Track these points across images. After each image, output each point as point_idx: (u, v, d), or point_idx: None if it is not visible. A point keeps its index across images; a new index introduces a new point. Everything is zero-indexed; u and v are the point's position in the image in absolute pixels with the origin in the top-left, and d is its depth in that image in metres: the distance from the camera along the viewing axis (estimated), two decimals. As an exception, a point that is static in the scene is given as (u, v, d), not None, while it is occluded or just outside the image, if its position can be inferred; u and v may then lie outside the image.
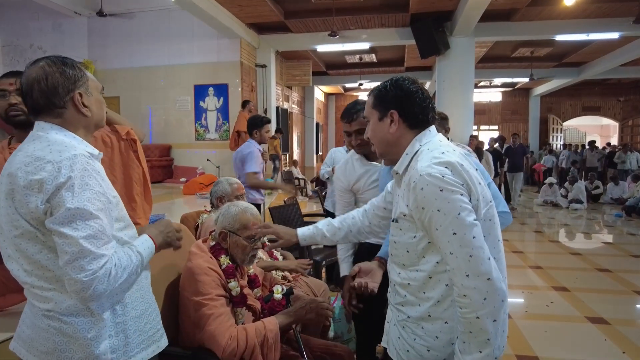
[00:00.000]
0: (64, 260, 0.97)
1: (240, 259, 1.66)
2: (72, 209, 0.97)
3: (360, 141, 1.87)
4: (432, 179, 1.03)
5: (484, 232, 1.05)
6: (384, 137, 1.21)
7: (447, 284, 1.09)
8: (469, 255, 1.01)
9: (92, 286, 0.97)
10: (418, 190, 1.05)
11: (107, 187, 1.09)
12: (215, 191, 2.45)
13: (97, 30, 8.68)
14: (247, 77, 8.57)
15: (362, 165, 1.96)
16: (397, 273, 1.22)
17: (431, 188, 1.03)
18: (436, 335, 1.13)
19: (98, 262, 0.98)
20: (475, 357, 1.03)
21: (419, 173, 1.06)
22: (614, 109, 16.10)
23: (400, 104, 1.17)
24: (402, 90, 1.17)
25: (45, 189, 0.98)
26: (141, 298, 1.18)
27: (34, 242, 1.03)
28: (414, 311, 1.16)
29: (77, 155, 1.02)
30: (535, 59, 11.52)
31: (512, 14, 7.83)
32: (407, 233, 1.14)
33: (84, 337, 1.04)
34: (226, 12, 7.31)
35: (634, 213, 7.91)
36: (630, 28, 7.55)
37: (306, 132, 14.64)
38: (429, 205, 1.04)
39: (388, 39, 8.84)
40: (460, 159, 1.09)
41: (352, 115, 1.87)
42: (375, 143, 1.24)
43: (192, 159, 8.55)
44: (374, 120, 1.22)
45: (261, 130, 3.46)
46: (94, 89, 1.17)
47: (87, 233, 0.98)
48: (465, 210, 1.02)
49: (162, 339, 1.24)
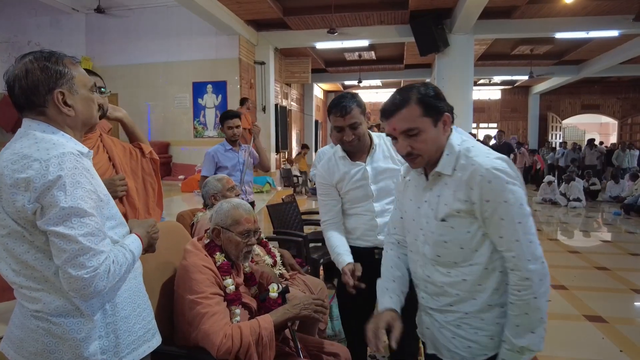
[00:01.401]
0: (63, 258, 0.96)
1: (235, 255, 1.65)
2: (66, 208, 0.95)
3: (354, 136, 1.75)
4: (498, 172, 1.10)
5: None
6: (438, 142, 1.18)
7: (500, 271, 1.16)
8: (529, 242, 1.09)
9: (94, 283, 0.96)
10: (485, 184, 1.10)
11: (97, 185, 1.07)
12: (207, 191, 2.46)
13: (95, 27, 8.65)
14: (245, 74, 8.55)
15: (345, 164, 1.84)
16: (444, 274, 1.21)
17: (498, 181, 1.09)
18: (497, 322, 1.18)
19: (98, 259, 0.97)
20: (529, 337, 1.10)
21: (485, 167, 1.11)
22: (614, 107, 16.10)
23: (447, 105, 1.20)
24: (438, 93, 1.20)
25: (33, 188, 0.96)
26: (130, 298, 1.16)
27: (21, 241, 1.01)
28: (471, 305, 1.19)
29: (65, 154, 1.00)
30: (535, 57, 11.50)
31: (511, 12, 7.81)
32: (460, 229, 1.17)
33: (73, 338, 1.03)
34: (225, 9, 7.28)
35: (632, 211, 7.91)
36: (630, 26, 7.54)
37: (305, 129, 14.62)
38: (495, 197, 1.10)
39: (387, 36, 8.82)
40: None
41: (346, 108, 1.71)
42: (428, 151, 1.18)
43: (191, 157, 8.54)
44: (427, 128, 1.16)
45: (223, 127, 3.31)
46: (82, 86, 1.12)
47: (85, 230, 0.97)
48: (524, 200, 1.11)
49: (154, 339, 1.23)
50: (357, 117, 1.73)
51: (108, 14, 8.24)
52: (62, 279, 0.98)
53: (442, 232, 1.20)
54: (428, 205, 1.23)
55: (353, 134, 1.74)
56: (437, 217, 1.20)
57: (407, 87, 1.21)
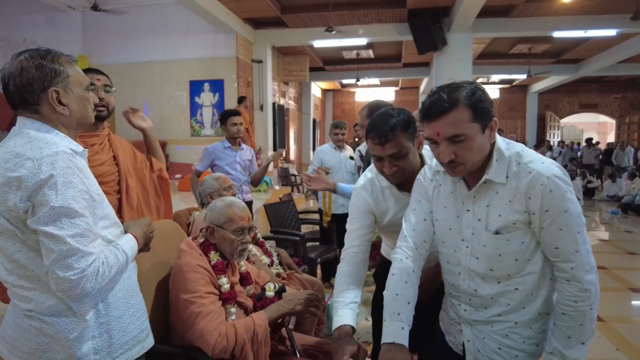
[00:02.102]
0: (51, 259, 0.95)
1: (229, 253, 1.64)
2: (56, 207, 0.95)
3: (396, 168, 1.36)
4: (558, 180, 1.04)
5: None
6: (483, 150, 1.09)
7: (551, 278, 1.13)
8: (587, 252, 1.06)
9: (80, 284, 0.96)
10: (546, 193, 1.03)
11: (90, 185, 1.06)
12: (204, 190, 2.44)
13: (91, 24, 8.60)
14: (243, 72, 8.52)
15: (392, 194, 1.49)
16: (494, 285, 1.15)
17: (560, 189, 1.04)
18: (544, 329, 1.16)
19: (86, 260, 0.97)
20: (580, 349, 1.08)
21: (545, 175, 1.04)
22: (612, 106, 16.12)
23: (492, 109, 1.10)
24: (487, 94, 1.10)
25: (25, 187, 0.95)
26: (125, 297, 1.15)
27: (13, 240, 1.01)
28: (522, 315, 1.14)
29: (58, 153, 0.99)
30: (533, 56, 11.50)
31: (510, 10, 7.81)
32: (516, 241, 1.10)
33: (66, 337, 1.02)
34: (222, 7, 7.24)
35: (630, 210, 7.93)
36: (628, 25, 7.53)
37: (303, 128, 14.59)
38: (556, 207, 1.03)
39: (385, 35, 8.79)
40: None
41: (386, 134, 1.32)
42: (472, 159, 1.08)
43: (188, 155, 8.50)
44: (475, 134, 1.06)
45: (226, 124, 3.32)
46: (77, 85, 1.11)
47: (74, 232, 0.96)
48: (580, 209, 1.07)
49: (148, 339, 1.22)
50: (401, 146, 1.34)
51: (104, 11, 8.19)
52: (50, 280, 0.97)
53: (496, 245, 1.11)
54: (473, 215, 1.14)
55: (395, 165, 1.36)
56: (488, 229, 1.11)
57: (454, 86, 1.08)
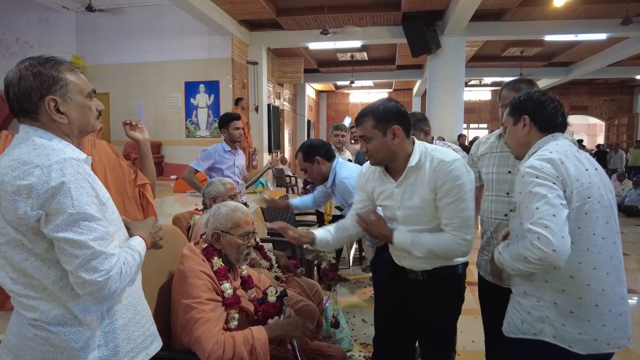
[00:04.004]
0: (75, 264, 0.95)
1: (235, 258, 1.66)
2: (74, 213, 0.95)
3: (366, 150, 1.55)
4: (531, 169, 1.24)
5: (578, 224, 1.22)
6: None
7: None
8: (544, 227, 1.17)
9: (107, 285, 0.97)
10: (519, 178, 1.29)
11: (99, 190, 1.06)
12: (209, 192, 2.42)
13: (86, 25, 8.54)
14: (238, 74, 8.52)
15: (379, 177, 1.64)
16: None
17: (527, 177, 1.24)
18: None
19: (109, 262, 0.98)
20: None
21: (524, 165, 1.28)
22: (601, 109, 16.36)
23: (531, 111, 1.38)
24: (532, 101, 1.39)
25: (36, 195, 0.95)
26: (131, 305, 1.15)
27: (20, 249, 1.00)
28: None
29: (66, 159, 0.99)
30: (525, 59, 11.64)
31: (502, 14, 7.90)
32: (518, 223, 1.32)
33: (72, 347, 1.02)
34: (217, 9, 7.24)
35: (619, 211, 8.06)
36: (618, 29, 7.66)
37: (298, 129, 14.60)
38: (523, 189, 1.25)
39: (380, 37, 8.85)
40: (565, 157, 1.26)
41: (359, 117, 1.55)
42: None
43: (183, 156, 8.47)
44: (509, 126, 1.44)
45: (228, 128, 3.31)
46: (77, 92, 1.09)
47: (95, 235, 0.97)
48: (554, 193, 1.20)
49: (152, 346, 1.21)
50: (367, 131, 1.52)
51: (99, 12, 8.14)
52: (75, 284, 0.98)
53: (512, 223, 1.48)
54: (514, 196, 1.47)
55: (366, 147, 1.54)
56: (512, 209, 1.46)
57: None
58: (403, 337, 1.73)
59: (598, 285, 1.21)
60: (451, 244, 1.45)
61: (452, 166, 1.43)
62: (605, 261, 1.23)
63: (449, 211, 1.44)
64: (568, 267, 1.20)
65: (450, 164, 1.43)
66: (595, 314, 1.20)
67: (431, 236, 1.49)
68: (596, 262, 1.22)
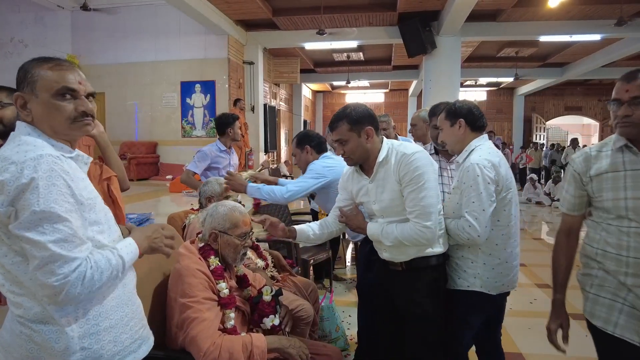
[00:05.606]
0: (34, 265, 0.93)
1: (232, 258, 1.66)
2: (38, 212, 0.92)
3: (343, 152, 1.68)
4: (477, 167, 1.60)
5: (503, 207, 1.67)
6: (457, 138, 1.78)
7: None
8: (475, 218, 1.61)
9: (64, 290, 0.94)
10: (464, 172, 1.63)
11: (78, 188, 1.02)
12: (205, 191, 2.42)
13: (81, 24, 8.50)
14: (234, 74, 8.51)
15: (356, 176, 1.78)
16: None
17: (472, 172, 1.60)
18: None
19: (69, 266, 0.94)
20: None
21: (471, 162, 1.62)
22: (595, 109, 16.46)
23: (465, 115, 1.75)
24: (464, 107, 1.76)
25: (7, 191, 0.93)
26: (118, 306, 1.12)
27: (1, 244, 0.99)
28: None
29: (43, 156, 0.96)
30: (520, 59, 11.69)
31: (497, 15, 7.93)
32: (455, 201, 1.68)
33: (52, 347, 1.00)
34: (214, 9, 7.23)
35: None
36: (612, 30, 7.72)
37: (294, 129, 14.59)
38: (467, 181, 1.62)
39: (376, 38, 8.86)
40: (499, 159, 1.68)
41: (333, 123, 1.68)
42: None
43: (179, 156, 8.46)
44: (446, 127, 1.80)
45: (234, 127, 3.33)
46: (44, 90, 1.05)
47: (56, 237, 0.94)
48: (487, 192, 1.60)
49: (140, 349, 1.18)
50: (342, 134, 1.65)
51: (94, 11, 8.11)
52: (37, 285, 0.97)
53: (448, 202, 1.81)
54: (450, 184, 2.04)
55: (342, 149, 1.67)
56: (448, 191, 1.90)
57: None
58: (386, 329, 1.86)
59: (509, 248, 1.71)
60: (413, 231, 1.58)
61: (412, 157, 1.58)
62: (514, 232, 1.73)
63: (410, 200, 1.58)
64: (495, 237, 1.67)
65: (410, 155, 1.59)
66: (506, 268, 1.71)
67: (397, 226, 1.63)
68: (511, 233, 1.71)
